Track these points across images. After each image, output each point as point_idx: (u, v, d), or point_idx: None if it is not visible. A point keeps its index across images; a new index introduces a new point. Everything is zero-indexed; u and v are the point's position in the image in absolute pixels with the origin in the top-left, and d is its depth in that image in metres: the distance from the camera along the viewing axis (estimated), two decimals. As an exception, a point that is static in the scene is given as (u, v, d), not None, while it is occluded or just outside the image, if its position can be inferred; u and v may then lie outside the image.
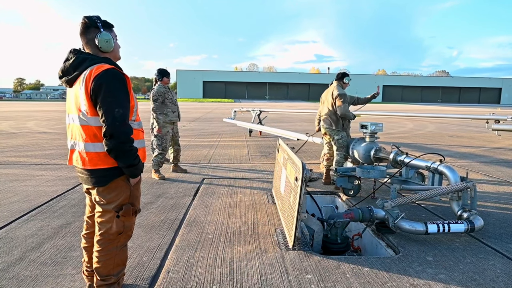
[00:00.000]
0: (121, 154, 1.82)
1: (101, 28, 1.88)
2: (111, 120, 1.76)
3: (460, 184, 3.23)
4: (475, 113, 15.09)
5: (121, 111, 1.79)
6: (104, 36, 1.88)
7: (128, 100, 1.86)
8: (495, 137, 10.42)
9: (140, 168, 1.93)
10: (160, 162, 5.22)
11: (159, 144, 5.22)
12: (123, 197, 1.95)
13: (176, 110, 5.40)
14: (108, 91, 1.77)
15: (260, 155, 7.47)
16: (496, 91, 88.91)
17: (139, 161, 1.91)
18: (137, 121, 2.02)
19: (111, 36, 1.91)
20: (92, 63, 1.85)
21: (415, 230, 2.94)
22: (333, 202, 4.50)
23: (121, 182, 1.94)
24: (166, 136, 5.29)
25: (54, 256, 2.65)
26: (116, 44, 1.99)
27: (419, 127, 14.90)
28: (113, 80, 1.80)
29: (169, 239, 2.99)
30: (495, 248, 2.86)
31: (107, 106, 1.77)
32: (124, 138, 1.80)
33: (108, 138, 1.78)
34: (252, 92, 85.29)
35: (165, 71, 5.33)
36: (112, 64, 1.89)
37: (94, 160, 1.87)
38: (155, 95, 5.19)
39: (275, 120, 16.97)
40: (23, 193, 4.33)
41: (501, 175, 5.63)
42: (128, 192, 1.97)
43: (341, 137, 4.80)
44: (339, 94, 4.76)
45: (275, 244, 2.88)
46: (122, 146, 1.81)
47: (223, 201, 4.08)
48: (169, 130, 5.32)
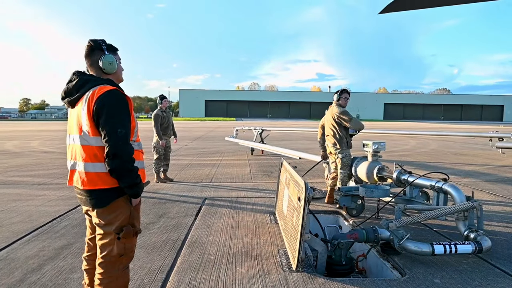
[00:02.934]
0: (124, 174, 1.83)
1: (106, 51, 1.94)
2: (114, 140, 1.78)
3: (465, 204, 3.19)
4: (477, 130, 15.09)
5: (123, 131, 1.81)
6: (108, 58, 1.93)
7: (130, 120, 1.89)
8: (499, 155, 10.36)
9: (141, 187, 1.93)
10: None
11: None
12: (123, 218, 1.93)
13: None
14: (111, 111, 1.80)
15: (262, 174, 7.45)
16: (498, 108, 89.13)
17: (140, 181, 1.92)
18: (137, 141, 2.04)
19: (114, 58, 1.96)
20: (95, 84, 1.88)
21: (421, 251, 2.88)
22: (336, 222, 4.44)
23: (121, 202, 1.92)
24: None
25: (55, 278, 2.61)
26: (119, 66, 2.04)
27: (421, 145, 14.87)
28: (115, 101, 1.83)
29: (170, 261, 2.94)
30: (505, 270, 2.79)
31: (110, 126, 1.79)
32: (127, 158, 1.82)
33: (111, 158, 1.79)
34: (254, 111, 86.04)
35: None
36: (115, 86, 1.92)
37: (94, 180, 1.87)
38: None
39: (277, 138, 17.02)
40: (25, 213, 4.32)
41: (507, 194, 5.56)
42: (128, 213, 1.95)
43: (345, 155, 4.79)
44: (341, 113, 4.78)
45: (278, 266, 2.83)
46: (125, 165, 1.82)
47: (225, 221, 4.04)
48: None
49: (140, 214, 2.08)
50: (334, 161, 4.98)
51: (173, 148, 13.06)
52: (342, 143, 4.80)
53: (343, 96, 4.91)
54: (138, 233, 2.02)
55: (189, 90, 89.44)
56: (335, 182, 4.94)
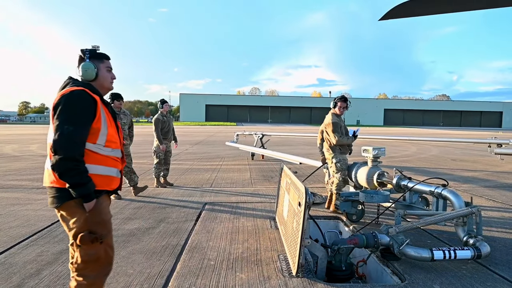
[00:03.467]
0: (62, 172, 1.76)
1: (87, 59, 1.97)
2: (57, 135, 1.76)
3: (464, 210, 3.20)
4: (477, 136, 15.13)
5: (71, 128, 1.77)
6: (84, 66, 1.95)
7: (86, 121, 1.83)
8: (498, 161, 10.38)
9: (87, 190, 1.81)
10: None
11: None
12: (79, 224, 1.85)
13: None
14: (64, 108, 1.80)
15: (263, 179, 7.45)
16: (497, 114, 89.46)
17: (86, 183, 1.80)
18: (110, 147, 1.96)
19: (93, 66, 1.96)
20: (71, 86, 1.90)
21: (420, 257, 2.88)
22: (336, 227, 4.44)
23: (73, 207, 1.85)
24: None
25: (53, 284, 2.60)
26: (104, 74, 2.03)
27: (422, 150, 14.89)
28: (74, 99, 1.82)
29: (170, 266, 2.94)
30: (503, 276, 2.78)
31: (59, 122, 1.78)
32: (66, 155, 1.75)
33: (53, 153, 1.77)
34: (254, 116, 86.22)
35: (116, 95, 5.51)
36: (86, 87, 1.90)
37: (50, 176, 1.87)
38: None
39: (277, 143, 17.04)
40: (24, 218, 4.31)
41: (506, 200, 5.57)
42: (83, 218, 1.84)
43: (339, 160, 4.80)
44: (328, 124, 4.81)
45: (278, 271, 2.82)
46: (64, 163, 1.75)
47: (225, 226, 4.04)
48: None
49: (108, 218, 1.97)
50: (331, 166, 5.01)
51: (174, 152, 13.04)
52: (335, 149, 4.82)
53: (338, 105, 4.83)
54: (100, 239, 1.89)
55: (190, 95, 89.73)
56: None
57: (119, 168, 2.05)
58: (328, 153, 4.91)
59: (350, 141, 4.82)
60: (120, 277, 2.71)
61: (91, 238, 1.85)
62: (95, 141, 1.88)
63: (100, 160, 1.91)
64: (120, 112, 5.56)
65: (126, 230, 3.86)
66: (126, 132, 5.63)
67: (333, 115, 4.86)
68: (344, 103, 4.84)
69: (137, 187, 5.68)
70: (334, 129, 4.73)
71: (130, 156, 5.68)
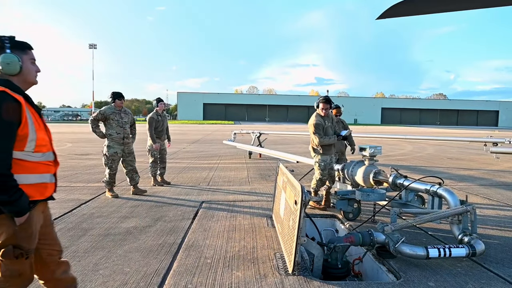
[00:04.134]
0: None
1: (7, 49, 1.72)
2: None
3: (459, 208, 3.22)
4: (473, 135, 15.21)
5: None
6: (5, 58, 1.71)
7: (10, 130, 1.63)
8: (494, 160, 10.45)
9: (19, 208, 1.64)
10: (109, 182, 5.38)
11: (105, 163, 5.39)
12: (4, 238, 1.69)
13: (122, 132, 5.43)
14: None
15: (260, 177, 7.46)
16: (494, 113, 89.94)
17: (17, 200, 1.63)
18: (40, 152, 1.78)
19: (16, 58, 1.73)
20: None
21: (416, 255, 2.91)
22: (333, 226, 4.46)
23: (2, 219, 1.68)
24: (113, 157, 5.39)
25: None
26: (28, 67, 1.81)
27: (418, 149, 14.96)
28: None
29: (166, 264, 2.94)
30: (497, 273, 2.81)
31: None
32: None
33: None
34: (252, 114, 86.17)
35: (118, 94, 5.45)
36: (8, 86, 1.71)
37: None
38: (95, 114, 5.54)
39: (275, 142, 17.06)
40: (21, 216, 4.30)
41: (501, 198, 5.61)
42: (11, 231, 1.69)
43: (320, 160, 4.84)
44: (309, 126, 4.84)
45: (274, 269, 2.84)
46: None
47: (222, 225, 4.05)
48: (117, 151, 5.40)
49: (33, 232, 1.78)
50: None
51: (171, 151, 13.06)
52: (317, 150, 4.87)
53: (321, 106, 4.75)
54: (26, 255, 1.74)
55: (188, 93, 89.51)
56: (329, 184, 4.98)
57: (52, 172, 1.88)
58: (311, 153, 5.00)
59: (332, 141, 4.80)
60: (117, 275, 2.72)
61: (16, 253, 1.70)
62: (22, 149, 1.69)
63: (31, 168, 1.73)
64: (121, 111, 5.49)
65: (123, 229, 3.86)
66: (127, 131, 5.53)
67: (317, 116, 4.84)
68: (327, 104, 4.74)
69: (138, 187, 5.66)
70: (315, 130, 4.74)
71: (132, 155, 5.64)
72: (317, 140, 4.72)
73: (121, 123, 5.41)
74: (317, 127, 4.74)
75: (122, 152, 5.45)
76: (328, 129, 4.85)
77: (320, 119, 4.81)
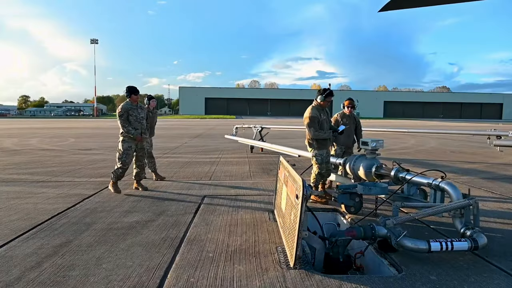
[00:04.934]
0: None
1: None
2: None
3: (462, 201, 3.21)
4: (476, 128, 15.10)
5: None
6: None
7: None
8: (497, 153, 10.38)
9: None
10: (118, 176, 5.32)
11: (119, 158, 5.34)
12: None
13: (140, 128, 5.44)
14: None
15: (262, 171, 7.46)
16: (498, 106, 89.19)
17: None
18: None
19: None
20: None
21: (417, 248, 2.90)
22: (334, 220, 4.46)
23: None
24: (128, 151, 5.36)
25: (53, 276, 2.63)
26: None
27: (421, 143, 14.89)
28: None
29: (169, 258, 2.96)
30: (500, 267, 2.81)
31: None
32: None
33: None
34: (254, 109, 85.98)
35: (133, 89, 5.49)
36: None
37: None
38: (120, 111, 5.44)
39: (276, 136, 17.03)
40: (24, 211, 4.33)
41: (504, 191, 5.59)
42: None
43: (316, 154, 4.84)
44: (305, 118, 4.83)
45: (276, 263, 2.85)
46: None
47: (224, 219, 4.06)
48: (131, 145, 5.39)
49: None
50: None
51: (173, 146, 13.08)
52: (312, 144, 4.88)
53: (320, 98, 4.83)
54: None
55: (189, 88, 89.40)
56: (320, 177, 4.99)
57: None
58: (308, 147, 5.00)
59: (327, 135, 4.79)
60: (120, 269, 2.74)
61: None
62: None
63: None
64: (137, 107, 5.53)
65: (125, 223, 3.88)
66: (144, 125, 5.57)
67: (313, 109, 4.82)
68: (331, 97, 4.84)
69: (141, 183, 5.64)
70: (310, 123, 4.72)
71: (144, 150, 5.61)
72: (312, 133, 4.71)
73: (139, 118, 5.47)
74: (312, 120, 4.72)
75: (136, 147, 5.49)
76: (323, 123, 4.82)
77: (316, 112, 4.79)
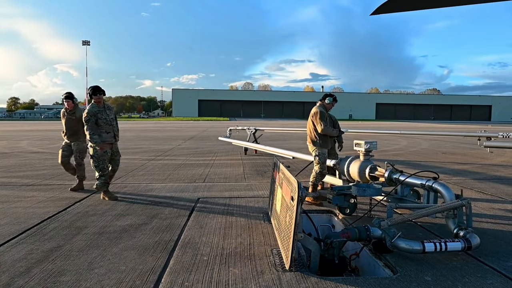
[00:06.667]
0: None
1: None
2: None
3: (455, 202, 3.23)
4: (466, 130, 15.33)
5: None
6: None
7: None
8: (488, 154, 10.55)
9: None
10: (104, 183, 4.99)
11: (96, 166, 4.96)
12: None
13: (112, 131, 5.06)
14: None
15: (256, 173, 7.44)
16: (487, 108, 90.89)
17: None
18: None
19: None
20: None
21: (412, 249, 2.91)
22: (329, 221, 4.46)
23: None
24: (103, 157, 4.97)
25: (43, 282, 2.56)
26: None
27: (413, 144, 15.05)
28: None
29: (163, 262, 2.92)
30: (493, 267, 2.84)
31: None
32: None
33: None
34: (247, 111, 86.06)
35: (95, 88, 4.98)
36: None
37: None
38: (86, 116, 4.91)
39: (270, 138, 17.03)
40: (13, 215, 4.23)
41: (495, 192, 5.66)
42: None
43: (319, 153, 4.97)
44: (315, 113, 4.98)
45: (271, 266, 2.83)
46: None
47: (218, 221, 4.03)
48: (106, 150, 4.97)
49: None
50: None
51: (166, 148, 12.99)
52: (317, 142, 4.96)
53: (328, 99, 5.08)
54: None
55: (182, 90, 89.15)
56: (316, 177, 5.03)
57: None
58: (310, 146, 5.10)
59: (335, 132, 5.04)
60: (112, 273, 2.68)
61: None
62: None
63: None
64: (105, 108, 5.05)
65: (118, 227, 3.82)
66: (116, 128, 5.14)
67: (320, 106, 5.06)
68: (331, 97, 5.11)
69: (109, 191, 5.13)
70: (321, 117, 4.90)
71: (119, 153, 5.29)
72: (322, 127, 4.85)
73: (108, 120, 5.02)
74: (322, 114, 4.93)
75: (111, 151, 5.08)
76: (328, 122, 5.08)
77: (324, 109, 5.02)
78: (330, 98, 5.10)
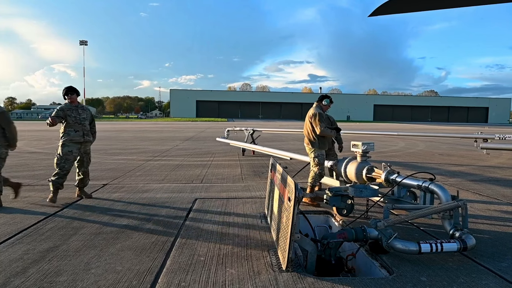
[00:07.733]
0: None
1: None
2: None
3: (451, 203, 3.25)
4: (463, 131, 15.43)
5: None
6: None
7: None
8: (484, 156, 10.60)
9: None
10: (58, 184, 4.88)
11: (57, 163, 4.91)
12: None
13: (81, 129, 5.00)
14: None
15: (253, 174, 7.45)
16: (484, 110, 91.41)
17: None
18: None
19: None
20: None
21: (408, 250, 2.93)
22: (326, 222, 4.47)
23: None
24: (68, 156, 4.93)
25: (40, 282, 2.56)
26: None
27: (410, 145, 15.11)
28: None
29: (160, 262, 2.92)
30: (488, 267, 2.85)
31: None
32: None
33: None
34: (245, 111, 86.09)
35: (69, 89, 5.04)
36: None
37: None
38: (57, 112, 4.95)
39: (268, 139, 17.05)
40: (9, 216, 4.22)
41: (491, 193, 5.70)
42: None
43: (317, 155, 4.97)
44: (313, 114, 4.99)
45: (268, 266, 2.83)
46: None
47: (215, 222, 4.03)
48: (72, 150, 4.94)
49: None
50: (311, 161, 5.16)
51: (164, 148, 12.98)
52: (315, 143, 4.97)
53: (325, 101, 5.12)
54: None
55: (180, 90, 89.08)
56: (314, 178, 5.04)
57: None
58: (308, 147, 5.10)
59: (333, 134, 5.06)
60: (109, 274, 2.68)
61: None
62: None
63: None
64: (78, 107, 5.03)
65: (115, 227, 3.81)
66: (87, 127, 5.08)
67: (318, 107, 5.08)
68: (328, 99, 5.17)
69: (84, 190, 5.21)
70: (320, 118, 4.91)
71: (89, 155, 5.18)
72: (321, 129, 4.86)
73: (79, 119, 4.98)
74: (321, 116, 4.95)
75: (78, 152, 5.01)
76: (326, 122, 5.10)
77: (321, 110, 5.05)
78: (327, 100, 5.15)
